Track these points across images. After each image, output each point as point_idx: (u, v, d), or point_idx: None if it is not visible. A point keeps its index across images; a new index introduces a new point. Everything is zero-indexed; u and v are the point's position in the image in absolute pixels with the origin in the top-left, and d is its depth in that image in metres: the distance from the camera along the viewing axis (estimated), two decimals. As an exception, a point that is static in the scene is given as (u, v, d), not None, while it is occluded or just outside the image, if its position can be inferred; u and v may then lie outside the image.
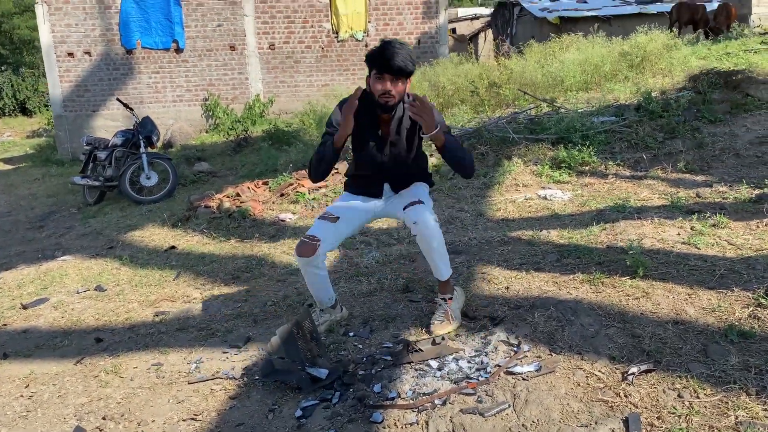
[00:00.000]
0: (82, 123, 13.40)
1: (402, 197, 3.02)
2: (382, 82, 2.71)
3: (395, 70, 2.66)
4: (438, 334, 2.87)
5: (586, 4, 20.85)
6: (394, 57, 2.63)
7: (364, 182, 3.11)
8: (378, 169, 3.01)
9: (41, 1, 12.86)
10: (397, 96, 2.75)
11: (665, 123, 5.88)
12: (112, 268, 5.16)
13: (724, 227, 3.77)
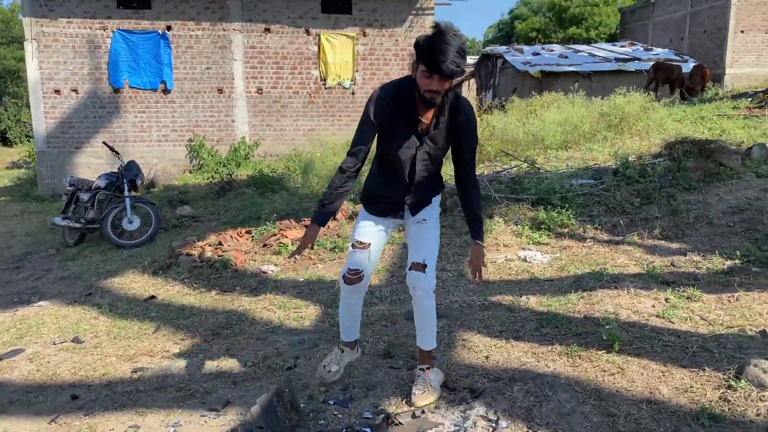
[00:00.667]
0: (64, 159, 13.37)
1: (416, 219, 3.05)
2: (430, 80, 2.53)
3: (446, 73, 2.48)
4: (419, 406, 2.90)
5: (567, 60, 21.48)
6: (446, 60, 2.44)
7: (384, 202, 3.05)
8: (405, 169, 2.89)
9: (31, 38, 12.96)
10: (443, 93, 2.63)
11: (642, 188, 6.06)
12: (90, 317, 5.11)
13: (697, 300, 3.88)
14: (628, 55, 22.70)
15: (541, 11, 39.07)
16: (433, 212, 3.07)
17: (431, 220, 3.04)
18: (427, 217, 3.02)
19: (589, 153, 8.23)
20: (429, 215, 3.04)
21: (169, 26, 13.47)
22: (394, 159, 2.87)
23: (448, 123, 2.78)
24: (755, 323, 3.43)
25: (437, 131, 2.79)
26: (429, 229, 3.00)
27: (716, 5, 24.41)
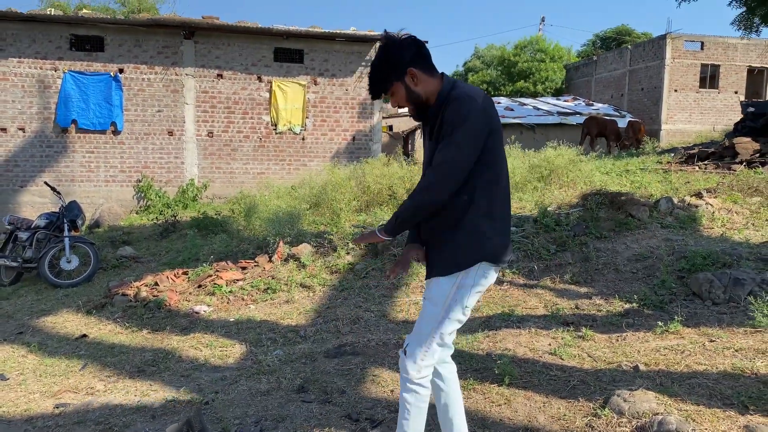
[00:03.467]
0: (7, 198, 13.25)
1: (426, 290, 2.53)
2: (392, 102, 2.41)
3: (377, 94, 2.40)
4: None
5: (513, 112, 22.48)
6: (369, 83, 2.37)
7: None
8: None
9: (-21, 76, 12.97)
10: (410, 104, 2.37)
11: (558, 236, 6.51)
12: (18, 355, 5.17)
13: (589, 339, 4.24)
14: (571, 109, 23.89)
15: (492, 65, 40.69)
16: (438, 288, 2.39)
17: (431, 299, 2.43)
18: (428, 295, 2.48)
19: (518, 202, 8.71)
20: (431, 293, 2.44)
21: (121, 69, 13.68)
22: None
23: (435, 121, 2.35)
24: (632, 359, 3.80)
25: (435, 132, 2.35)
26: (426, 310, 2.47)
27: (652, 65, 26.02)
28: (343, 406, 3.53)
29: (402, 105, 2.36)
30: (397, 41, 2.34)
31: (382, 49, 2.34)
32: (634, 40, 35.42)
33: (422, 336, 2.43)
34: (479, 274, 2.36)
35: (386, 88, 2.33)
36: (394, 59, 2.31)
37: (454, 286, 2.36)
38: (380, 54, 2.33)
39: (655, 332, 4.27)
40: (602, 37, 42.65)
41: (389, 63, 2.30)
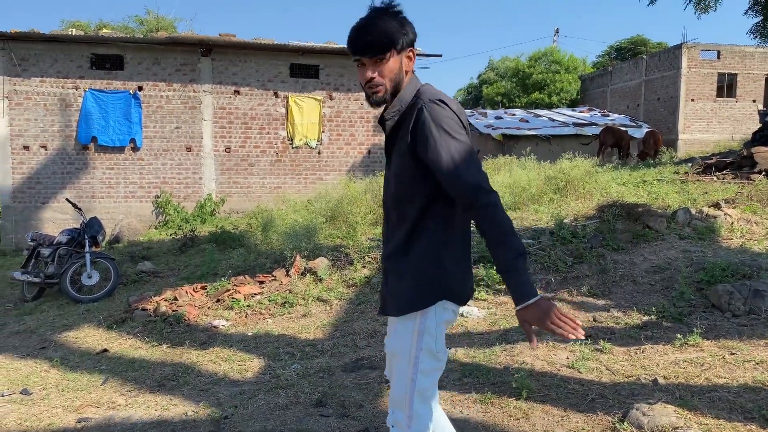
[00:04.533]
0: (30, 215, 13.49)
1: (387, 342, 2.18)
2: (362, 69, 2.02)
3: (366, 48, 1.95)
4: None
5: (528, 124, 22.47)
6: (360, 33, 1.96)
7: None
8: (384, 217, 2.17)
9: (2, 96, 13.27)
10: (388, 82, 2.00)
11: (575, 248, 6.49)
12: (41, 370, 5.26)
13: (607, 353, 4.22)
14: (586, 120, 23.83)
15: (506, 77, 40.74)
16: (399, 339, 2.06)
17: (396, 353, 2.08)
18: (390, 348, 2.14)
19: (534, 214, 8.70)
20: (394, 345, 2.10)
21: (140, 86, 13.92)
22: None
23: (408, 125, 1.98)
24: (651, 372, 3.78)
25: (397, 138, 2.04)
26: (395, 368, 2.10)
27: (668, 75, 25.89)
28: (361, 420, 3.55)
29: (373, 82, 1.98)
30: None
31: (390, 8, 1.98)
32: (650, 50, 35.29)
33: (400, 401, 2.07)
34: (440, 314, 2.02)
35: (384, 48, 1.95)
36: (404, 27, 1.98)
37: (414, 332, 2.01)
38: (388, 10, 1.97)
39: (674, 345, 4.24)
40: (617, 48, 42.52)
41: (399, 26, 1.96)
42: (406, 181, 2.00)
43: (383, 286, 2.16)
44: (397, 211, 2.06)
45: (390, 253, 2.08)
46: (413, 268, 2.02)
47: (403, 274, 2.04)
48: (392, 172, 2.06)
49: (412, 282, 2.01)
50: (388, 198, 2.10)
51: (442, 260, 2.01)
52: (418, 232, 2.01)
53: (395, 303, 2.06)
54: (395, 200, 2.05)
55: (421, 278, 2.01)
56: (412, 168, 1.98)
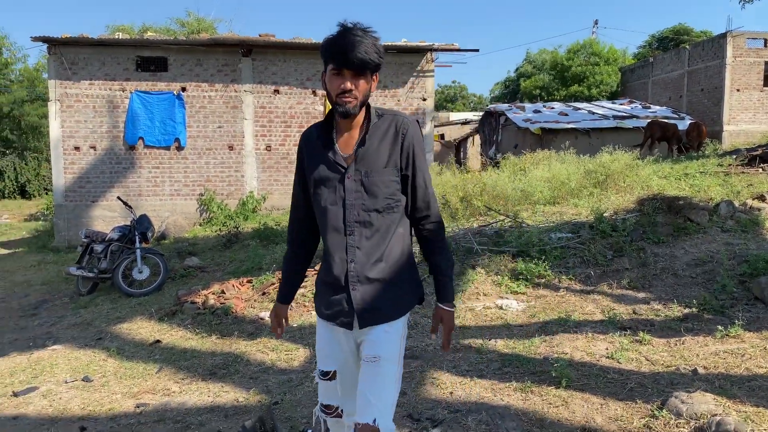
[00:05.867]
0: (81, 213, 14.03)
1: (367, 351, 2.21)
2: (340, 79, 2.09)
3: (356, 63, 2.05)
4: None
5: (567, 117, 22.22)
6: (356, 47, 2.03)
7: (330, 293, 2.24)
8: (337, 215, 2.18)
9: (55, 99, 13.82)
10: (360, 96, 2.12)
11: (615, 242, 6.50)
12: (99, 359, 5.55)
13: (647, 344, 4.27)
14: (627, 112, 23.43)
15: (545, 69, 40.28)
16: (390, 343, 2.20)
17: (387, 358, 2.18)
18: (380, 353, 2.17)
19: (574, 208, 8.70)
20: (384, 350, 2.18)
21: (184, 87, 14.31)
22: (318, 202, 2.23)
23: (391, 139, 2.17)
24: (691, 363, 3.82)
25: (370, 148, 2.16)
26: (384, 373, 2.17)
27: (712, 65, 25.26)
28: (405, 407, 3.68)
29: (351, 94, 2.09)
30: None
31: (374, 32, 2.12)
32: (693, 39, 34.44)
33: (389, 404, 2.18)
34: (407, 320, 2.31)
35: (373, 67, 2.11)
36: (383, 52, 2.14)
37: (401, 337, 2.24)
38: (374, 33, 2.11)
39: (715, 336, 4.26)
40: (659, 38, 41.58)
41: (382, 51, 2.12)
42: (394, 191, 2.17)
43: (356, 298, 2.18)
44: (380, 220, 2.17)
45: (374, 261, 2.17)
46: (397, 274, 2.20)
47: (392, 280, 2.18)
48: (375, 181, 2.15)
49: (400, 287, 2.21)
50: (363, 207, 2.16)
51: (414, 265, 2.29)
52: (398, 240, 2.21)
53: (387, 309, 2.19)
54: (382, 209, 2.16)
55: (405, 283, 2.23)
56: (397, 179, 2.17)
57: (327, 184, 2.19)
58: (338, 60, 2.06)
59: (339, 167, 2.17)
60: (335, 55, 2.07)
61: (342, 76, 2.09)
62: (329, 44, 2.08)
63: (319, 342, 2.35)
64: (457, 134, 31.15)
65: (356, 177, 2.16)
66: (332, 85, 2.11)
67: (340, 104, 2.11)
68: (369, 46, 2.05)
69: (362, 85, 2.11)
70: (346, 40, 2.04)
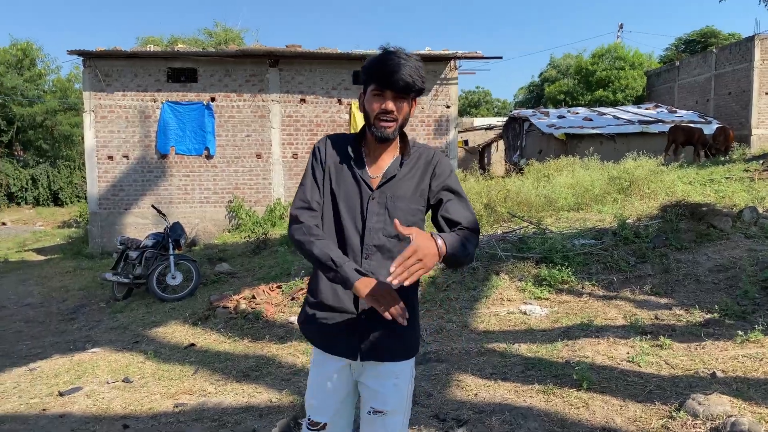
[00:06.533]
0: (114, 220, 14.45)
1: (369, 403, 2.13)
2: (381, 100, 2.04)
3: (400, 85, 2.00)
4: None
5: (591, 122, 22.16)
6: (401, 68, 1.98)
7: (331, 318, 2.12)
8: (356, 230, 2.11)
9: (89, 110, 14.29)
10: (400, 119, 2.07)
11: (638, 248, 6.58)
12: (138, 361, 5.81)
13: (667, 348, 4.37)
14: (652, 117, 23.28)
15: (569, 74, 40.13)
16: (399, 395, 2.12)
17: (394, 411, 2.12)
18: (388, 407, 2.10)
19: (598, 214, 8.78)
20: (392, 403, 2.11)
21: (213, 98, 14.68)
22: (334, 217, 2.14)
23: (422, 169, 2.17)
24: (710, 366, 3.92)
25: (400, 174, 2.14)
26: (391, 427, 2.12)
27: (739, 68, 24.98)
28: (431, 408, 3.84)
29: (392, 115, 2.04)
30: None
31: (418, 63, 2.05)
32: (720, 42, 34.04)
33: None
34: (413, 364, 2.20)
35: (417, 90, 2.07)
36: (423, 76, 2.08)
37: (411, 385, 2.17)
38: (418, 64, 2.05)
39: (735, 341, 4.35)
40: (686, 41, 41.18)
41: (423, 77, 2.07)
42: (417, 221, 2.12)
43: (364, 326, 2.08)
44: (398, 248, 2.08)
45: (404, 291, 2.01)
46: (410, 304, 2.06)
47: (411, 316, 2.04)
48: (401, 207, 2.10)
49: (413, 320, 2.09)
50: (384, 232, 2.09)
51: (417, 308, 2.23)
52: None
53: (395, 345, 2.10)
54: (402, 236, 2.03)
55: (413, 320, 2.09)
56: (422, 209, 2.15)
57: (349, 201, 2.12)
58: (382, 81, 2.02)
59: (366, 187, 2.11)
60: (379, 76, 2.02)
61: (384, 97, 2.04)
62: (373, 65, 2.04)
63: (312, 386, 2.19)
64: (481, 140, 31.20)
65: (381, 200, 2.11)
66: (372, 106, 2.06)
67: (379, 128, 2.06)
68: (413, 69, 2.00)
69: (404, 108, 2.07)
70: (390, 62, 2.00)
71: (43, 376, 5.56)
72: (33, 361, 6.21)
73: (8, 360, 6.45)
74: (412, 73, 1.99)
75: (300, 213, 2.10)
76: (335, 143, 2.19)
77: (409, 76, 1.99)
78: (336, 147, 2.18)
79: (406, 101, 2.07)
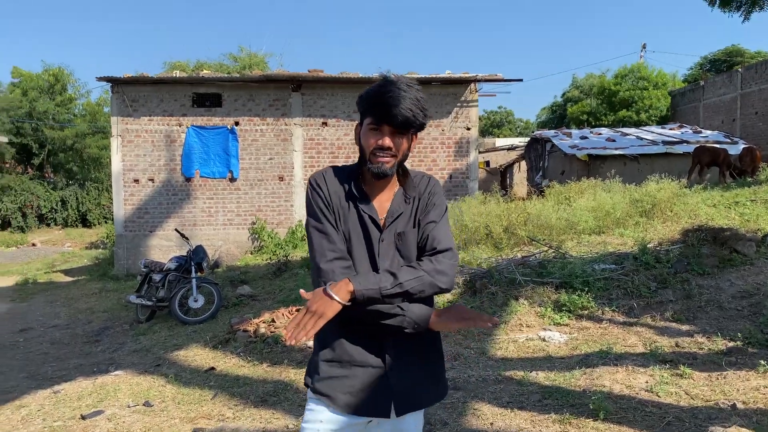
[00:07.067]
0: (139, 242, 14.70)
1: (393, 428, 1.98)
2: (378, 135, 1.90)
3: (399, 120, 1.85)
4: None
5: (614, 143, 22.01)
6: (400, 101, 1.83)
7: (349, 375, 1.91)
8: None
9: (117, 134, 14.63)
10: (399, 156, 1.93)
11: (659, 273, 6.51)
12: (158, 384, 5.88)
13: (687, 377, 4.31)
14: (677, 137, 23.04)
15: (591, 94, 39.97)
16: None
17: None
18: None
19: (619, 238, 8.70)
20: None
21: (237, 122, 14.93)
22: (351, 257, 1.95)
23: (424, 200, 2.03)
24: (731, 397, 3.85)
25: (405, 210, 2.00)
26: None
27: (766, 87, 24.69)
28: (446, 437, 3.84)
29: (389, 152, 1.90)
30: None
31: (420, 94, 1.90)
32: (747, 61, 33.66)
33: None
34: None
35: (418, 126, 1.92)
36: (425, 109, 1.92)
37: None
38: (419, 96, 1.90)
39: (758, 371, 4.27)
40: (711, 60, 40.81)
41: (425, 111, 1.91)
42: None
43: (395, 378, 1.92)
44: None
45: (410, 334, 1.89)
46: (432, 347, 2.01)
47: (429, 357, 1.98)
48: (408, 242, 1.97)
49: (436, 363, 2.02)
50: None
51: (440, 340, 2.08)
52: None
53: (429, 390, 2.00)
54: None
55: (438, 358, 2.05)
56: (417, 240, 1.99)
57: (358, 244, 1.94)
58: (379, 115, 1.87)
59: (376, 226, 1.96)
60: (375, 109, 1.87)
61: (381, 132, 1.89)
62: (370, 96, 1.90)
63: None
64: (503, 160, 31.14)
65: (390, 240, 1.96)
66: (368, 141, 1.92)
67: (375, 163, 1.91)
68: (414, 102, 1.84)
69: (402, 144, 1.92)
70: (389, 94, 1.84)
71: (67, 399, 5.65)
72: (57, 383, 6.33)
73: (34, 382, 6.58)
74: (412, 107, 1.84)
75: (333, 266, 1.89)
76: (335, 177, 2.02)
77: (409, 110, 1.83)
78: (337, 182, 2.00)
79: (406, 137, 1.92)
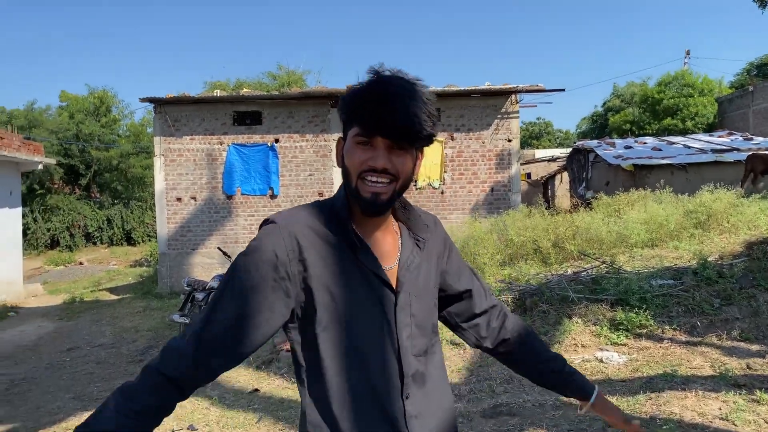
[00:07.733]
0: (182, 260, 14.81)
1: None
2: (369, 151, 1.34)
3: (398, 131, 1.31)
4: None
5: (661, 152, 21.38)
6: (397, 103, 1.28)
7: None
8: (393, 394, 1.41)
9: (159, 154, 14.83)
10: (400, 181, 1.37)
11: (722, 289, 6.14)
12: (202, 407, 5.78)
13: (765, 404, 3.97)
14: (726, 145, 22.25)
15: (633, 103, 39.11)
16: None
17: None
18: None
19: (675, 251, 8.31)
20: None
21: (277, 139, 14.98)
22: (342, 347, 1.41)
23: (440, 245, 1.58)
24: (818, 428, 3.52)
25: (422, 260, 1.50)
26: None
27: (820, 91, 23.68)
28: (504, 468, 3.60)
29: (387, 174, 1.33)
30: None
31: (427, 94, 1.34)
32: (797, 64, 32.44)
33: None
34: None
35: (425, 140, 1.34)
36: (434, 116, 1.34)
37: None
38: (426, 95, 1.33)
39: None
40: (758, 65, 39.52)
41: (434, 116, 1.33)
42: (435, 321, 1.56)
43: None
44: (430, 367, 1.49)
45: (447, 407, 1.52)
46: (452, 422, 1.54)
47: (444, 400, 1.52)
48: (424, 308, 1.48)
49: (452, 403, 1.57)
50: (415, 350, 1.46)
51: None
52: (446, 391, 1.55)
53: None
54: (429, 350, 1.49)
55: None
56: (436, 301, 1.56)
57: (363, 317, 1.39)
58: (368, 123, 1.30)
59: (386, 288, 1.41)
60: (364, 115, 1.31)
61: (373, 147, 1.33)
62: (356, 98, 1.33)
63: None
64: (543, 172, 30.60)
65: (406, 302, 1.43)
66: (354, 160, 1.35)
67: (364, 192, 1.34)
68: (418, 105, 1.29)
69: (405, 164, 1.35)
70: (382, 94, 1.29)
71: (112, 422, 5.59)
72: (102, 405, 6.28)
73: (80, 403, 6.56)
74: (417, 111, 1.28)
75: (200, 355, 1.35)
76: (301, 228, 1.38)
77: (414, 116, 1.28)
78: (314, 231, 1.38)
79: (409, 154, 1.35)
